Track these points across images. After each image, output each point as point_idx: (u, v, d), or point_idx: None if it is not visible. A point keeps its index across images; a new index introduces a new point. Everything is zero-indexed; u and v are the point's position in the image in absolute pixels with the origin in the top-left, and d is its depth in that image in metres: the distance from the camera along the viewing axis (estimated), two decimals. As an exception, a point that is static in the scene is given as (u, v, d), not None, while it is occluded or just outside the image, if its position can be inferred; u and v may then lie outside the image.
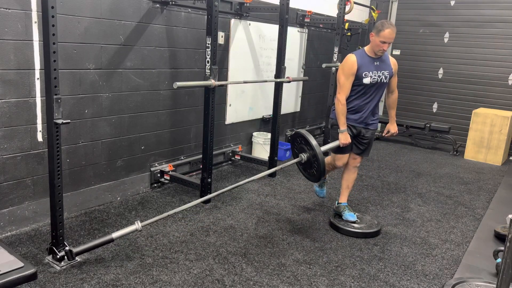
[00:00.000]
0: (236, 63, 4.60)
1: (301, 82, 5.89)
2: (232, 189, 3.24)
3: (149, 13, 3.53)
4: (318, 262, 2.85)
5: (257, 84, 4.99)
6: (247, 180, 3.11)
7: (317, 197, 3.94)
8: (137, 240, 2.95)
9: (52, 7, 2.24)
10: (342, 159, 3.38)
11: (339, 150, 3.31)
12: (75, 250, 2.56)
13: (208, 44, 3.34)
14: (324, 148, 3.17)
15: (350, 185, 3.50)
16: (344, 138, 3.20)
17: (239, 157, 4.83)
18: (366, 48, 3.19)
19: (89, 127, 3.27)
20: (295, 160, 3.17)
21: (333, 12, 5.77)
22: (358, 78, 3.12)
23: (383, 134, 3.60)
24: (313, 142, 2.98)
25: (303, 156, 3.10)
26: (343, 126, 3.20)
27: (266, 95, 5.10)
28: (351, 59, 3.13)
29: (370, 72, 3.12)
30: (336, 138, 3.26)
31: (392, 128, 3.51)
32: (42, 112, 2.92)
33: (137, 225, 2.70)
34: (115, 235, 2.66)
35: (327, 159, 3.52)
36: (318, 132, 6.52)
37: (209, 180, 3.65)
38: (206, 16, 3.33)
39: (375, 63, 3.15)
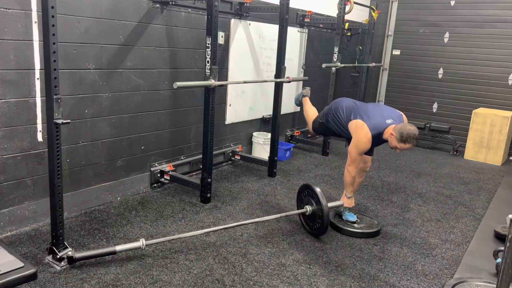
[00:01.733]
0: (236, 63, 4.60)
1: (301, 82, 5.89)
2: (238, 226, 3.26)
3: (149, 13, 3.53)
4: (318, 262, 2.85)
5: (257, 84, 4.99)
6: (253, 221, 3.12)
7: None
8: (137, 240, 2.95)
9: (52, 7, 2.24)
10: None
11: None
12: (76, 256, 2.56)
13: (208, 44, 3.34)
14: (331, 205, 3.27)
15: (355, 188, 3.51)
16: (349, 203, 3.37)
17: (239, 157, 4.83)
18: (387, 131, 3.04)
19: (89, 127, 3.28)
20: (300, 211, 3.28)
21: (333, 12, 5.77)
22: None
23: None
24: (323, 200, 3.06)
25: (308, 209, 3.18)
26: (350, 193, 3.34)
27: (266, 95, 5.10)
28: (367, 139, 3.05)
29: (376, 146, 3.21)
30: (320, 128, 3.57)
31: None
32: (42, 112, 2.92)
33: (142, 243, 2.69)
34: (118, 248, 2.65)
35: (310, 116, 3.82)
36: (318, 132, 6.52)
37: (209, 180, 3.65)
38: (206, 16, 3.33)
39: (383, 142, 3.18)
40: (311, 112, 3.83)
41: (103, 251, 2.63)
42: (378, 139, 3.10)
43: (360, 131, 3.07)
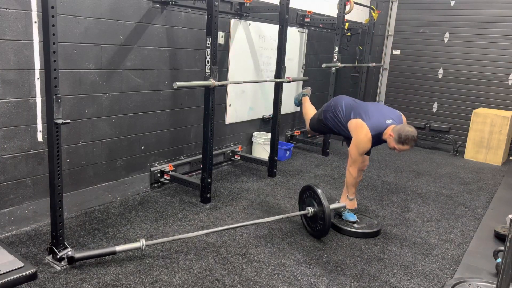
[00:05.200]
0: (236, 63, 4.60)
1: (301, 82, 5.89)
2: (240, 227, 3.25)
3: (149, 13, 3.53)
4: (318, 262, 2.85)
5: (257, 84, 4.99)
6: (255, 221, 3.12)
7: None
8: (137, 240, 2.95)
9: (52, 7, 2.24)
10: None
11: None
12: (76, 256, 2.56)
13: (208, 44, 3.34)
14: (333, 206, 3.27)
15: (355, 186, 3.50)
16: (352, 204, 3.38)
17: (239, 157, 4.83)
18: (387, 131, 3.04)
19: (89, 127, 3.28)
20: (302, 213, 3.29)
21: (333, 12, 5.77)
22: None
23: None
24: (325, 202, 3.05)
25: (310, 210, 3.17)
26: (352, 195, 3.34)
27: (266, 95, 5.10)
28: (367, 139, 3.05)
29: (375, 145, 3.20)
30: (317, 125, 3.57)
31: None
32: (42, 112, 2.92)
33: (142, 243, 2.69)
34: (118, 248, 2.65)
35: (309, 114, 3.81)
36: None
37: (209, 180, 3.65)
38: (206, 16, 3.33)
39: (383, 142, 3.17)
40: (310, 111, 3.83)
41: (103, 251, 2.63)
42: (378, 139, 3.10)
43: (360, 131, 3.07)
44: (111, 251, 2.64)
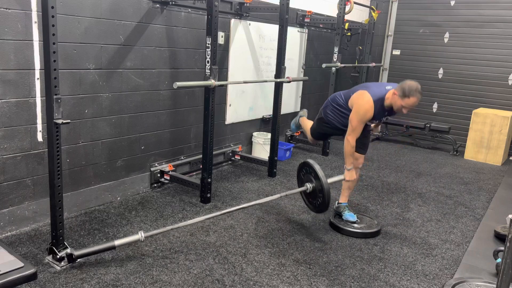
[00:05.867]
0: (236, 63, 4.60)
1: (301, 82, 5.89)
2: (239, 209, 3.25)
3: (149, 13, 3.53)
4: (318, 262, 2.85)
5: (257, 84, 4.99)
6: (253, 203, 3.12)
7: None
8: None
9: (52, 7, 2.24)
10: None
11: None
12: (75, 253, 2.56)
13: (208, 44, 3.34)
14: (331, 180, 3.22)
15: (352, 186, 3.50)
16: (350, 175, 3.27)
17: (239, 157, 4.83)
18: (387, 96, 3.05)
19: (89, 127, 3.28)
20: (300, 189, 3.26)
21: (333, 12, 5.77)
22: (366, 121, 3.15)
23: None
24: (321, 174, 3.02)
25: (309, 186, 3.14)
26: (350, 165, 3.26)
27: (266, 95, 5.10)
28: (369, 105, 3.03)
29: (378, 117, 3.15)
30: (320, 127, 3.48)
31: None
32: (42, 112, 2.92)
33: (140, 235, 2.69)
34: (117, 242, 2.65)
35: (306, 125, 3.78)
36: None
37: (209, 180, 3.65)
38: (206, 16, 3.33)
39: (386, 112, 3.16)
40: (308, 123, 3.81)
41: (102, 247, 2.63)
42: (380, 107, 3.06)
43: (361, 99, 3.05)
44: (110, 245, 2.64)
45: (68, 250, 2.56)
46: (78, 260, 2.61)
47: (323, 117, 3.48)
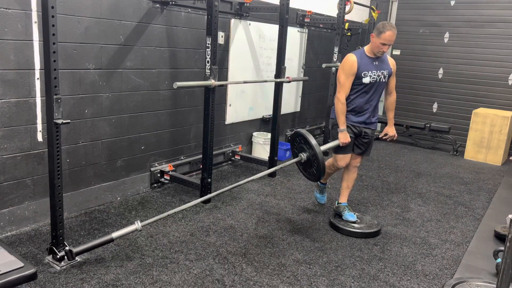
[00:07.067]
0: (236, 63, 4.60)
1: (301, 82, 5.89)
2: (232, 188, 3.27)
3: (149, 13, 3.53)
4: (318, 262, 2.85)
5: (257, 84, 4.99)
6: (247, 179, 3.12)
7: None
8: (137, 240, 2.95)
9: (52, 7, 2.24)
10: (344, 159, 3.36)
11: (340, 150, 3.30)
12: (75, 250, 2.56)
13: (208, 44, 3.34)
14: (324, 147, 3.17)
15: (350, 185, 3.50)
16: (344, 137, 3.20)
17: (239, 157, 4.83)
18: (366, 48, 3.21)
19: (89, 127, 3.28)
20: (295, 160, 3.18)
21: (333, 12, 5.77)
22: (358, 77, 3.13)
23: (380, 136, 3.59)
24: (313, 141, 2.99)
25: (303, 156, 3.11)
26: (342, 125, 3.20)
27: (266, 95, 5.10)
28: (351, 58, 3.14)
29: (370, 72, 3.14)
30: (336, 138, 3.26)
31: (391, 131, 3.49)
32: (42, 112, 2.92)
33: (137, 225, 2.70)
34: (115, 235, 2.66)
35: (328, 161, 3.51)
36: (318, 132, 6.52)
37: (209, 180, 3.65)
38: (206, 16, 3.33)
39: (374, 63, 3.17)
40: (328, 161, 3.55)
41: (100, 241, 2.64)
42: (365, 57, 3.16)
43: (344, 59, 3.20)
44: (108, 239, 2.65)
45: (67, 247, 2.56)
46: (78, 259, 2.62)
47: (333, 119, 3.35)
